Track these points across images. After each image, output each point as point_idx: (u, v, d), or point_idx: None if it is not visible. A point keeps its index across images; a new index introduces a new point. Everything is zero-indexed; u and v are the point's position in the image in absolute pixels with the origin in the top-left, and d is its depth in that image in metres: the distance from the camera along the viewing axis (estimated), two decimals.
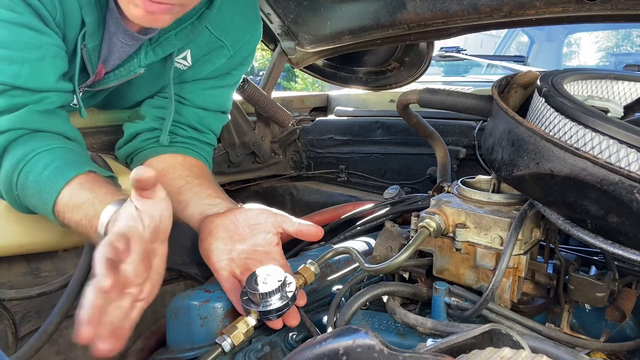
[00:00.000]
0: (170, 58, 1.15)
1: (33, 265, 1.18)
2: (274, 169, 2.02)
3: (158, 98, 1.26)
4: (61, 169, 0.90)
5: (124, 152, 1.25)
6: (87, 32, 1.01)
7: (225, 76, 1.27)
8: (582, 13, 1.19)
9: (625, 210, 0.65)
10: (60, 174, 0.90)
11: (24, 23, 0.91)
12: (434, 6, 1.39)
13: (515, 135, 0.79)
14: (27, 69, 0.93)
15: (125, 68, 1.13)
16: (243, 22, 1.23)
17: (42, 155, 0.92)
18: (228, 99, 1.33)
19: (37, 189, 0.91)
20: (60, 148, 0.95)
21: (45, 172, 0.90)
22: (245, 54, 1.27)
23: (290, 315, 0.87)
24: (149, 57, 1.12)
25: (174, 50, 1.14)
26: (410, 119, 1.37)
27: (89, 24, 1.00)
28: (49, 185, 0.89)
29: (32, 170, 0.91)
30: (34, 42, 0.93)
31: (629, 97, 0.99)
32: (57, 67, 0.98)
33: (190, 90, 1.24)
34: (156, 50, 1.12)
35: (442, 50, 2.82)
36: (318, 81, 5.83)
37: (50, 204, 0.89)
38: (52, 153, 0.93)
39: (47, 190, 0.89)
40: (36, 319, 1.15)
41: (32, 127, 0.95)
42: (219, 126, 1.32)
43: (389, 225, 1.04)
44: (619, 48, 7.10)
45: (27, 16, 0.91)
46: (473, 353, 0.51)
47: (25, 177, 0.91)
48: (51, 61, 0.96)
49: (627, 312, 0.84)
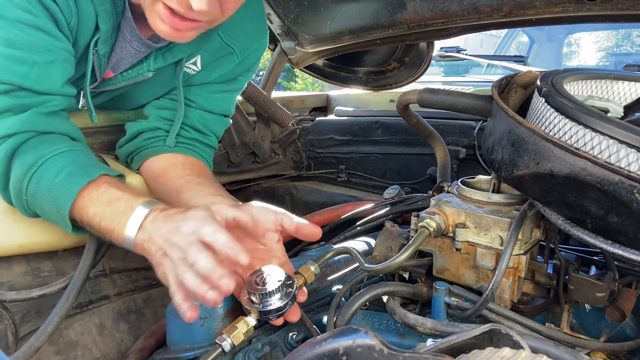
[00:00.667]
0: (180, 63, 1.17)
1: (33, 265, 1.18)
2: (274, 169, 2.02)
3: (163, 99, 1.27)
4: (74, 175, 0.91)
5: (125, 151, 1.25)
6: (100, 39, 1.02)
7: (231, 81, 1.29)
8: (582, 13, 1.19)
9: (625, 210, 0.65)
10: (74, 180, 0.91)
11: (39, 26, 0.92)
12: (434, 6, 1.39)
13: (515, 135, 0.79)
14: (37, 71, 0.94)
15: (134, 71, 1.15)
16: (252, 30, 1.25)
17: (52, 161, 0.93)
18: (232, 104, 1.35)
19: (50, 195, 0.91)
20: (69, 151, 0.96)
21: (58, 178, 0.91)
22: (253, 61, 1.30)
23: (291, 311, 0.87)
24: (158, 62, 1.14)
25: (184, 56, 1.15)
26: (410, 119, 1.37)
27: (104, 31, 1.01)
28: (64, 192, 0.90)
29: (43, 177, 0.92)
30: (46, 45, 0.94)
31: (629, 97, 0.99)
32: (64, 72, 0.99)
33: (197, 93, 1.26)
34: (166, 55, 1.13)
35: (442, 50, 2.82)
36: (318, 81, 5.83)
37: (67, 209, 0.90)
38: (62, 157, 0.94)
39: (62, 197, 0.90)
40: (36, 319, 1.15)
41: (39, 129, 0.96)
42: (221, 129, 1.33)
43: (389, 225, 1.04)
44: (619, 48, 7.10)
45: (42, 19, 0.92)
46: (473, 353, 0.51)
47: (36, 183, 0.92)
48: (60, 65, 0.97)
49: (627, 312, 0.84)
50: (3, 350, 1.04)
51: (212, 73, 1.24)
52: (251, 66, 1.30)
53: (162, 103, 1.26)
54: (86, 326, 1.22)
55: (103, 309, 1.26)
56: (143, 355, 1.12)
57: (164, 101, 1.26)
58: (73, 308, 1.13)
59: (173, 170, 1.16)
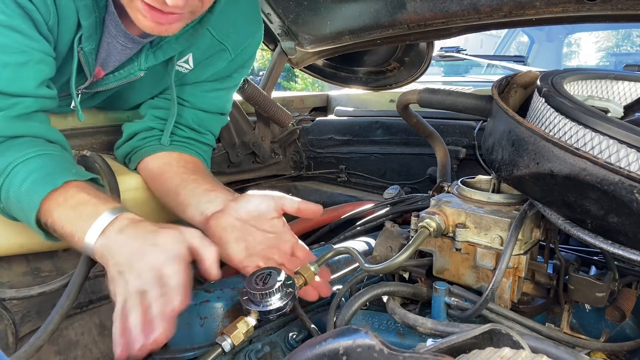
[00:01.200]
0: (172, 61, 1.15)
1: (33, 265, 1.18)
2: (274, 169, 2.02)
3: (158, 99, 1.26)
4: (38, 183, 0.89)
5: (122, 152, 1.25)
6: (84, 35, 1.00)
7: (225, 79, 1.28)
8: (582, 13, 1.19)
9: (625, 210, 0.65)
10: (37, 189, 0.88)
11: (13, 26, 0.89)
12: (434, 6, 1.39)
13: (515, 135, 0.79)
14: (8, 73, 0.91)
15: (125, 70, 1.13)
16: (245, 26, 1.23)
17: (19, 168, 0.90)
18: (228, 101, 1.34)
19: (18, 204, 0.90)
20: (38, 156, 0.92)
21: (24, 186, 0.89)
22: (247, 57, 1.28)
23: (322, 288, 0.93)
24: (149, 61, 1.12)
25: (175, 54, 1.14)
26: (410, 119, 1.37)
27: (86, 27, 0.99)
28: (28, 201, 0.88)
29: (11, 185, 0.90)
30: (20, 46, 0.91)
31: (629, 97, 0.99)
32: (39, 73, 0.96)
33: (190, 92, 1.24)
34: (157, 53, 1.12)
35: (442, 50, 2.82)
36: (318, 81, 5.82)
37: (32, 218, 0.89)
38: (28, 164, 0.91)
39: (27, 206, 0.88)
40: (36, 318, 1.15)
41: (7, 134, 0.93)
42: (217, 127, 1.32)
43: (389, 225, 1.04)
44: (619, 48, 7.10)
45: (16, 19, 0.90)
46: (473, 353, 0.51)
47: (6, 192, 0.90)
48: (34, 67, 0.94)
49: (627, 312, 0.84)
50: (3, 350, 1.04)
51: (205, 71, 1.22)
52: (245, 62, 1.29)
53: (157, 102, 1.25)
54: (86, 326, 1.22)
55: (103, 309, 1.26)
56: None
57: (159, 100, 1.26)
58: (73, 308, 1.13)
59: (168, 169, 1.16)
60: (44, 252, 1.18)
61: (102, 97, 1.23)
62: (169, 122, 1.20)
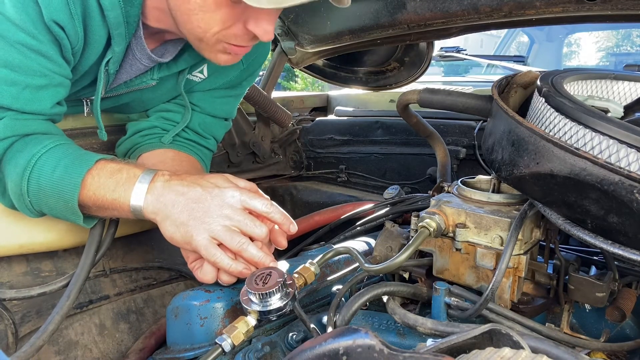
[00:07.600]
0: (183, 72, 1.18)
1: (33, 265, 1.18)
2: (274, 169, 2.02)
3: (168, 103, 1.28)
4: (71, 166, 0.92)
5: (124, 148, 1.26)
6: (112, 60, 1.03)
7: (236, 87, 1.31)
8: (582, 13, 1.19)
9: (625, 210, 0.65)
10: (73, 171, 0.92)
11: (40, 51, 0.92)
12: (434, 6, 1.39)
13: (515, 135, 0.79)
14: (27, 94, 0.93)
15: (137, 79, 1.16)
16: None
17: (44, 159, 0.93)
18: (234, 107, 1.37)
19: (54, 190, 0.92)
20: (58, 146, 0.96)
21: (56, 173, 0.92)
22: (257, 66, 1.31)
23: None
24: (162, 72, 1.15)
25: (187, 66, 1.16)
26: (410, 119, 1.37)
27: (117, 52, 1.02)
28: (67, 184, 0.91)
29: (42, 175, 0.92)
30: (43, 70, 0.94)
31: (629, 97, 0.99)
32: (56, 95, 0.99)
33: (200, 97, 1.27)
34: (170, 65, 1.15)
35: (442, 50, 2.82)
36: (318, 81, 5.82)
37: (75, 201, 0.91)
38: (53, 153, 0.94)
39: (66, 189, 0.91)
40: (36, 319, 1.15)
41: (20, 133, 0.95)
42: (221, 132, 1.35)
43: (389, 225, 1.04)
44: (619, 48, 7.11)
45: (45, 45, 0.92)
46: (473, 353, 0.51)
47: (36, 183, 0.92)
48: (52, 89, 0.97)
49: (627, 312, 0.84)
50: (3, 350, 1.04)
51: (218, 80, 1.26)
52: (255, 71, 1.32)
53: (166, 106, 1.28)
54: (86, 326, 1.22)
55: (103, 309, 1.26)
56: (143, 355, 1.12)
57: (168, 104, 1.28)
58: (73, 308, 1.13)
59: (162, 166, 1.17)
60: (44, 252, 1.18)
61: (112, 103, 1.24)
62: (178, 125, 1.23)
